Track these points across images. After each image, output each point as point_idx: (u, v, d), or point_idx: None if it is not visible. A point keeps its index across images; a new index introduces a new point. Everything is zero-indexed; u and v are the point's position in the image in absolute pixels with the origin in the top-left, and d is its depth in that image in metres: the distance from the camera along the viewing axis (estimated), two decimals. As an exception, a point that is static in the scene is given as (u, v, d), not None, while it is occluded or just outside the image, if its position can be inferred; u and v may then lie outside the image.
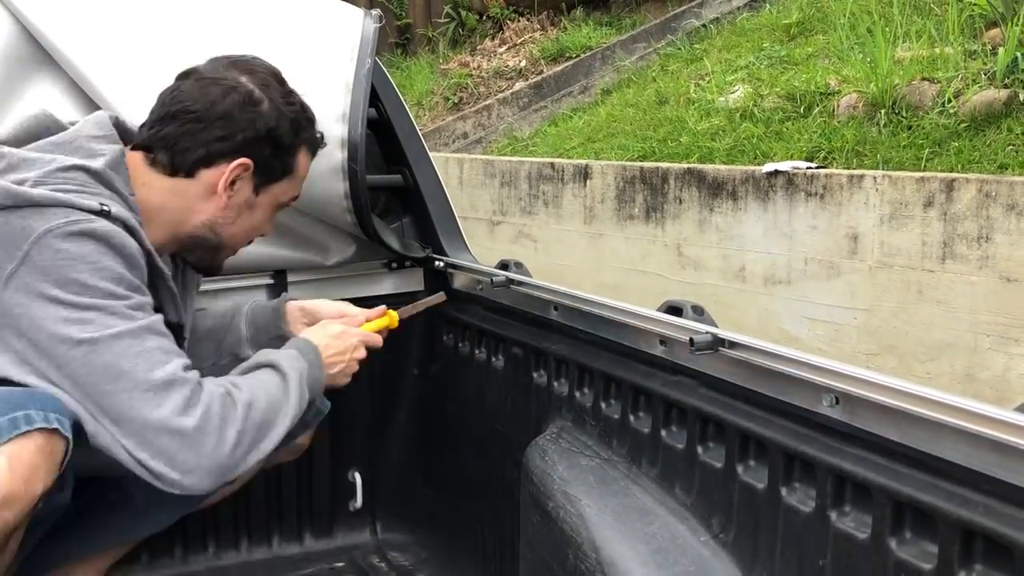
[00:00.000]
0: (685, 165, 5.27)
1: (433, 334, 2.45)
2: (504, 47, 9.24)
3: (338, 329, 1.94)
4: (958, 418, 1.14)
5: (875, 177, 4.21)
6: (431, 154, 2.63)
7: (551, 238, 6.12)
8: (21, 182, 1.57)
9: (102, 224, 1.57)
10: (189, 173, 1.75)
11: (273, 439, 1.67)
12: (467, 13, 9.75)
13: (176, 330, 1.78)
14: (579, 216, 5.88)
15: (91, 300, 1.53)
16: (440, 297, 2.23)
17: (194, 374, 1.61)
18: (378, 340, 2.02)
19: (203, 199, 1.77)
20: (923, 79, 4.79)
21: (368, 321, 2.04)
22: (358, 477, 2.61)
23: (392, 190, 2.59)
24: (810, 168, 4.57)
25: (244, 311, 2.10)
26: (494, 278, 2.19)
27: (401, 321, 2.11)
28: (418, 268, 2.57)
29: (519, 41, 9.17)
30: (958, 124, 4.45)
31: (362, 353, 1.95)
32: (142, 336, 1.57)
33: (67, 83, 2.25)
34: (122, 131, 1.79)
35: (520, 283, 2.15)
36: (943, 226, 3.94)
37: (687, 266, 5.13)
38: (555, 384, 2.00)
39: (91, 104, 2.22)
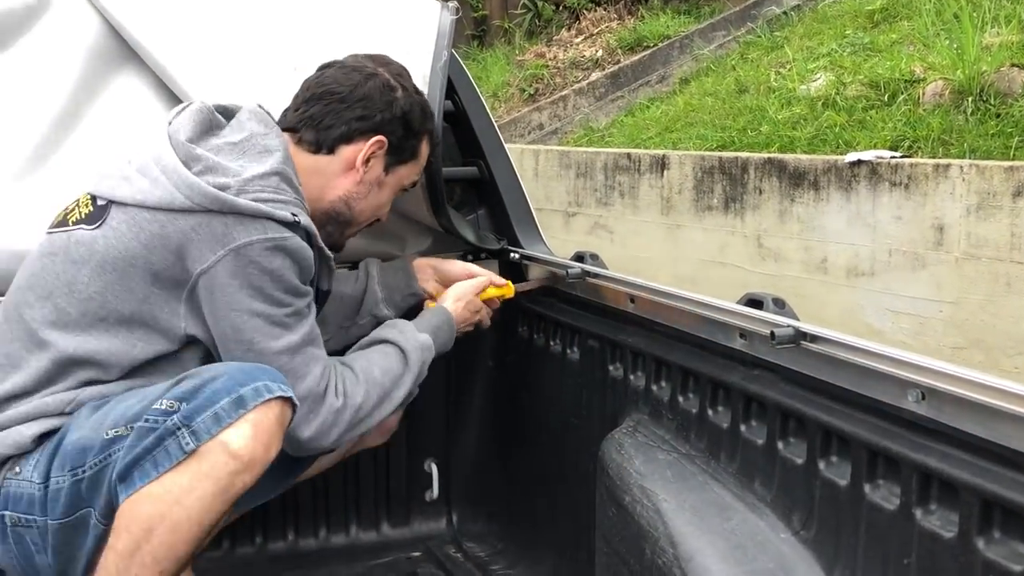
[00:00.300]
0: (765, 155, 5.20)
1: (508, 326, 2.45)
2: (581, 37, 9.21)
3: (476, 306, 2.18)
4: (1051, 415, 1.11)
5: (962, 166, 4.11)
6: (506, 145, 2.63)
7: (627, 229, 6.09)
8: (223, 187, 1.74)
9: (292, 241, 1.77)
10: (331, 150, 1.94)
11: (377, 420, 1.94)
12: (544, 3, 9.74)
13: (325, 295, 2.04)
14: (656, 207, 5.84)
15: (266, 308, 1.77)
16: (552, 278, 2.29)
17: (325, 383, 1.84)
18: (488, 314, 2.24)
19: (341, 175, 1.96)
20: (1012, 65, 4.67)
21: (493, 286, 2.23)
22: (434, 467, 2.62)
23: (468, 182, 2.60)
24: (894, 157, 4.48)
25: (374, 273, 2.27)
26: (569, 270, 2.18)
27: (516, 293, 2.27)
28: (493, 260, 2.57)
29: (596, 31, 9.12)
30: (1050, 111, 4.33)
31: (485, 323, 2.22)
32: (297, 351, 1.81)
33: (151, 77, 2.30)
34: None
35: (596, 275, 2.14)
36: (1033, 217, 3.83)
37: (767, 258, 5.07)
38: (631, 377, 1.99)
39: (174, 97, 2.26)
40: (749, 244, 5.18)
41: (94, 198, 1.83)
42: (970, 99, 4.68)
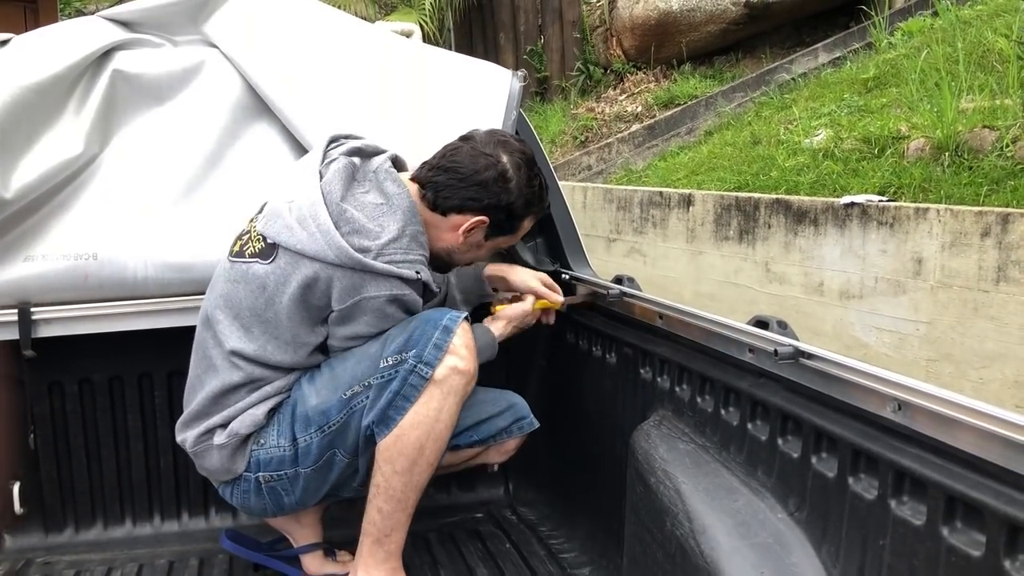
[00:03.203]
0: (774, 196, 5.15)
1: (558, 334, 2.45)
2: (624, 95, 9.18)
3: (525, 324, 2.16)
4: (1008, 430, 1.09)
5: (938, 210, 4.03)
6: (560, 183, 2.63)
7: (658, 254, 6.06)
8: (364, 249, 1.81)
9: (410, 296, 1.86)
10: (444, 213, 1.94)
11: None
12: (594, 67, 9.73)
13: (434, 293, 2.05)
14: (682, 236, 5.80)
15: (375, 331, 1.87)
16: (595, 296, 2.28)
17: None
18: (531, 322, 2.19)
19: (447, 232, 1.97)
20: (984, 127, 4.57)
21: (547, 300, 2.20)
22: (496, 446, 2.63)
23: (530, 215, 2.60)
24: (882, 201, 4.41)
25: (452, 281, 2.27)
26: (610, 291, 2.18)
27: (565, 305, 2.25)
28: (548, 279, 2.58)
29: (637, 90, 9.09)
30: (1014, 166, 4.23)
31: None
32: None
33: (280, 127, 2.34)
34: (398, 165, 2.01)
35: (631, 295, 2.14)
36: (998, 253, 3.75)
37: (773, 280, 5.01)
38: (658, 380, 1.98)
39: (298, 145, 2.30)
40: (759, 269, 5.13)
41: (264, 237, 1.89)
42: (947, 154, 4.59)
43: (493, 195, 1.93)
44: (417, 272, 1.85)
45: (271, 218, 1.88)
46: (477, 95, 2.33)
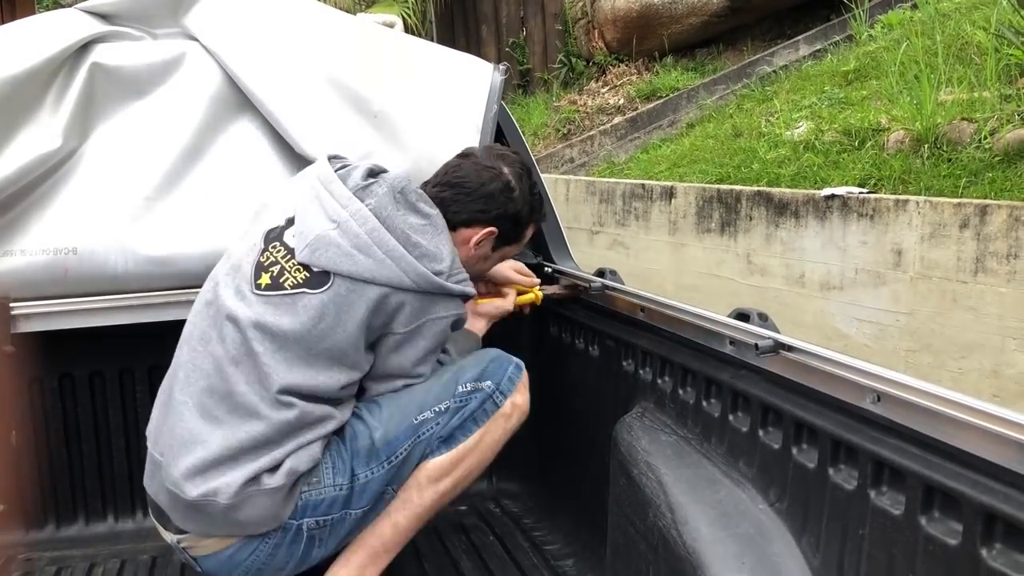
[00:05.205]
0: (755, 188, 5.17)
1: (542, 327, 2.46)
2: (606, 88, 9.18)
3: (497, 318, 2.20)
4: (984, 420, 1.11)
5: (918, 202, 4.06)
6: (543, 176, 2.63)
7: (640, 246, 6.07)
8: (438, 272, 1.80)
9: (465, 314, 1.91)
10: (453, 228, 1.92)
11: None
12: (577, 60, 9.72)
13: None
14: (665, 228, 5.82)
15: (427, 353, 1.87)
16: (576, 291, 2.29)
17: None
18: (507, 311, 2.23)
19: (458, 247, 1.93)
20: (962, 119, 4.60)
21: (526, 295, 2.27)
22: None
23: (512, 208, 2.60)
24: (862, 193, 4.44)
25: None
26: (592, 284, 2.19)
27: (544, 298, 2.30)
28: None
29: (619, 83, 9.09)
30: (992, 158, 4.26)
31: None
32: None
33: (261, 121, 2.33)
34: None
35: (613, 288, 2.15)
36: (976, 244, 3.78)
37: (755, 272, 5.04)
38: (641, 372, 1.99)
39: (278, 138, 2.29)
40: (740, 260, 5.15)
41: (309, 267, 1.77)
42: (926, 146, 4.62)
43: (500, 206, 1.94)
44: (467, 291, 1.87)
45: (320, 247, 1.77)
46: (458, 88, 2.33)
